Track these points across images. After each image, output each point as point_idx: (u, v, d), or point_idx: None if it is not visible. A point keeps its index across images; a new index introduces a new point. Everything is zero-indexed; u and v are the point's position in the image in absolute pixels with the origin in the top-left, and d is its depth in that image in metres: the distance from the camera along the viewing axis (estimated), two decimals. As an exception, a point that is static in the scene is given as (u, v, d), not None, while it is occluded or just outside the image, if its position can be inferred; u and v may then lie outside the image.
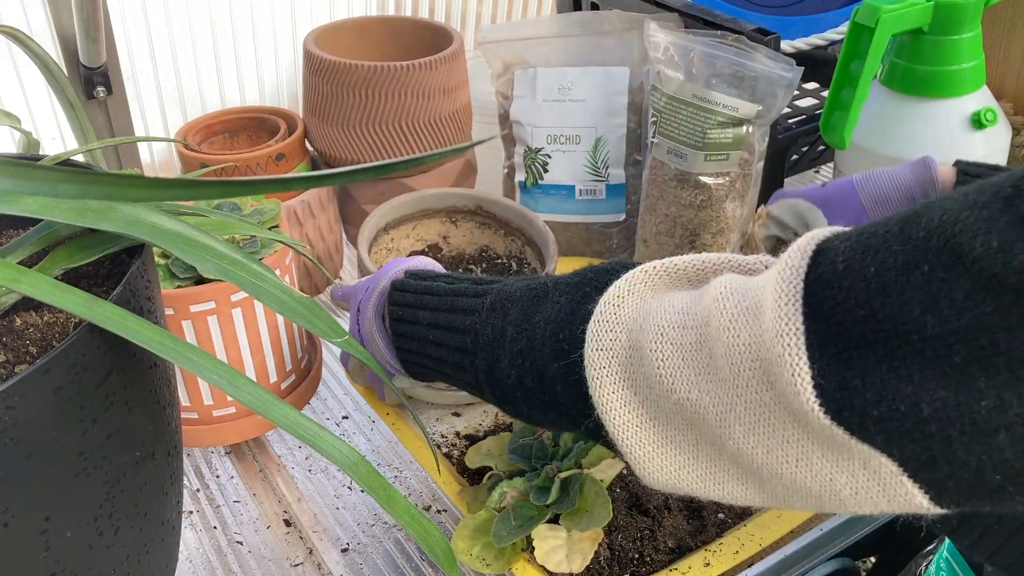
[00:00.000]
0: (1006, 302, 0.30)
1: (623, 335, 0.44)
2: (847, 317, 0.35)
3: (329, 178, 0.44)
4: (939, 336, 0.32)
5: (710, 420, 0.40)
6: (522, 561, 0.63)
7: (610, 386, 0.44)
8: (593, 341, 0.45)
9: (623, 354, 0.44)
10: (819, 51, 1.04)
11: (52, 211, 0.46)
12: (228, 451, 0.85)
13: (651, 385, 0.42)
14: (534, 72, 0.97)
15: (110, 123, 1.06)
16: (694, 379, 0.40)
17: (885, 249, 0.34)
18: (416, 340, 0.58)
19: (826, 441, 0.36)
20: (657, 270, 0.45)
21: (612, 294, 0.45)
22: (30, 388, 0.41)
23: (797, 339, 0.35)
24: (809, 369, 0.35)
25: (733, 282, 0.41)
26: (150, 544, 0.53)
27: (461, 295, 0.56)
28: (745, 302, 0.39)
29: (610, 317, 0.45)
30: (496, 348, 0.52)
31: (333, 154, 1.01)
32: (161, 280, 0.74)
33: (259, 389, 0.44)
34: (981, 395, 0.31)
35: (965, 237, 0.31)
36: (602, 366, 0.44)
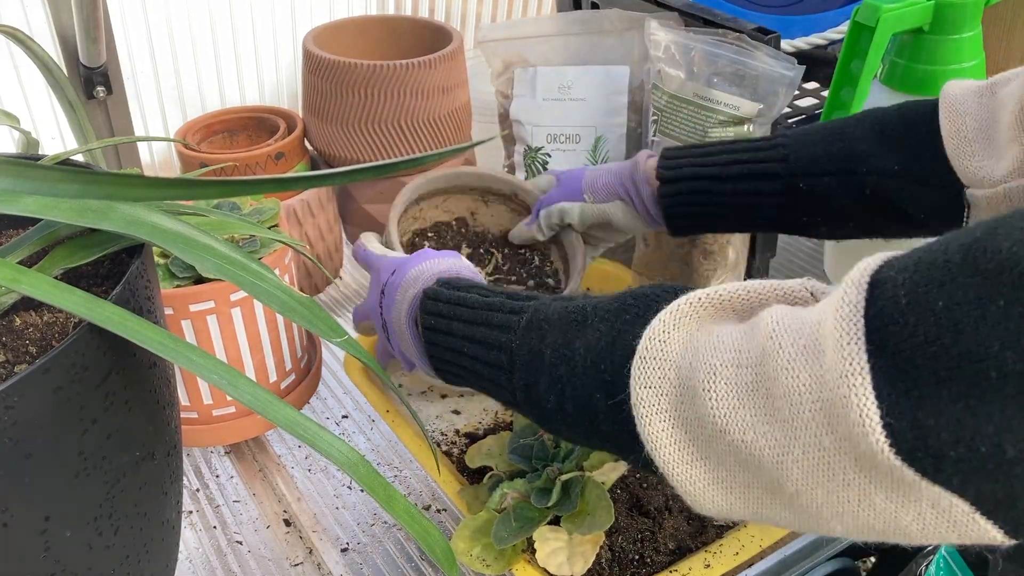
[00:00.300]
0: None
1: (671, 372, 0.43)
2: (916, 354, 0.33)
3: (329, 178, 0.44)
4: (1021, 373, 0.31)
5: (767, 463, 0.39)
6: (522, 562, 0.63)
7: (660, 424, 0.43)
8: (640, 379, 0.43)
9: (672, 392, 0.43)
10: (819, 51, 1.04)
11: (52, 211, 0.46)
12: (228, 451, 0.85)
13: (703, 425, 0.41)
14: (534, 71, 0.97)
15: (110, 123, 1.06)
16: (750, 420, 0.39)
17: (951, 282, 0.33)
18: (450, 351, 0.57)
19: (892, 483, 0.35)
20: (702, 301, 0.44)
21: (657, 329, 0.44)
22: (30, 388, 0.41)
23: (863, 378, 0.34)
24: (877, 409, 0.34)
25: (785, 318, 0.39)
26: (150, 544, 0.53)
27: (496, 310, 0.55)
28: (802, 340, 0.38)
29: (657, 354, 0.43)
30: (534, 370, 0.51)
31: (333, 153, 1.01)
32: (161, 280, 0.74)
33: (259, 389, 0.44)
34: None
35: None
36: (651, 404, 0.43)
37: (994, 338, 0.31)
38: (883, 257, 0.37)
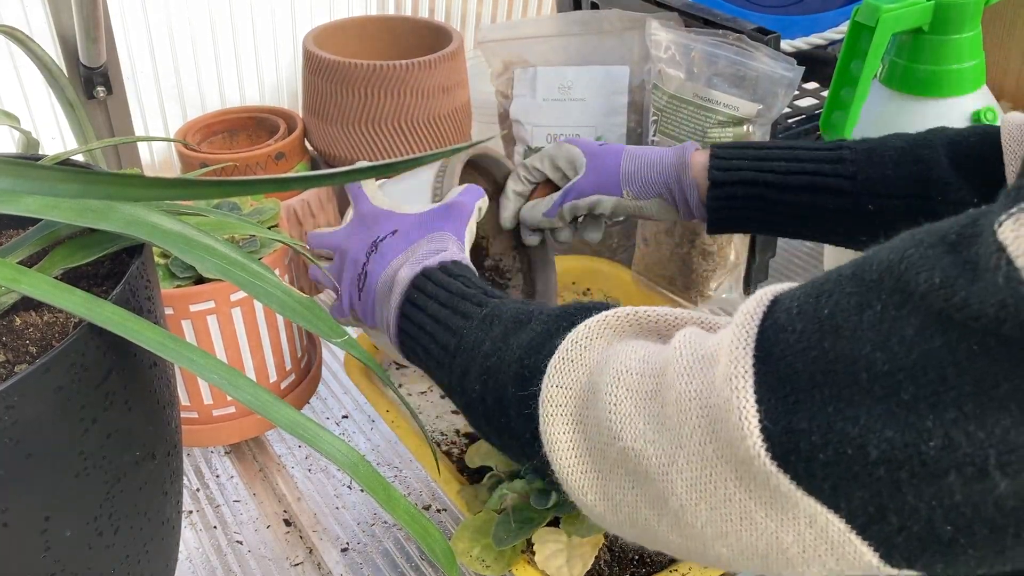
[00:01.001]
0: (954, 337, 0.30)
1: (584, 376, 0.43)
2: (797, 359, 0.34)
3: (329, 178, 0.44)
4: (888, 373, 0.31)
5: (653, 473, 0.39)
6: (522, 563, 0.63)
7: (562, 426, 0.43)
8: (553, 376, 0.44)
9: (580, 395, 0.43)
10: (819, 51, 1.04)
11: (52, 211, 0.46)
12: (228, 451, 0.85)
13: (600, 431, 0.41)
14: (534, 71, 0.97)
15: (110, 123, 1.06)
16: (642, 428, 0.39)
17: (839, 292, 0.34)
18: (415, 326, 0.58)
19: (770, 497, 0.35)
20: (628, 316, 0.45)
21: (580, 333, 0.45)
22: (30, 388, 0.41)
23: (746, 382, 0.35)
24: (756, 412, 0.34)
25: (693, 333, 0.40)
26: (150, 544, 0.53)
27: (467, 299, 0.56)
28: (701, 351, 0.38)
29: (574, 356, 0.44)
30: (471, 358, 0.52)
31: (333, 153, 1.01)
32: (161, 280, 0.74)
33: (259, 389, 0.44)
34: (929, 434, 0.31)
35: (911, 273, 0.32)
36: (557, 404, 0.44)
37: (867, 341, 0.32)
38: (790, 284, 0.38)
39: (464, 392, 0.53)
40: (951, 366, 0.30)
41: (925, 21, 0.78)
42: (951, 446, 0.30)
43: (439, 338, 0.56)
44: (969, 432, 0.30)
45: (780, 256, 1.02)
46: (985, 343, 0.29)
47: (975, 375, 0.30)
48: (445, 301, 0.57)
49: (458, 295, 0.57)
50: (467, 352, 0.53)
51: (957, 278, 0.30)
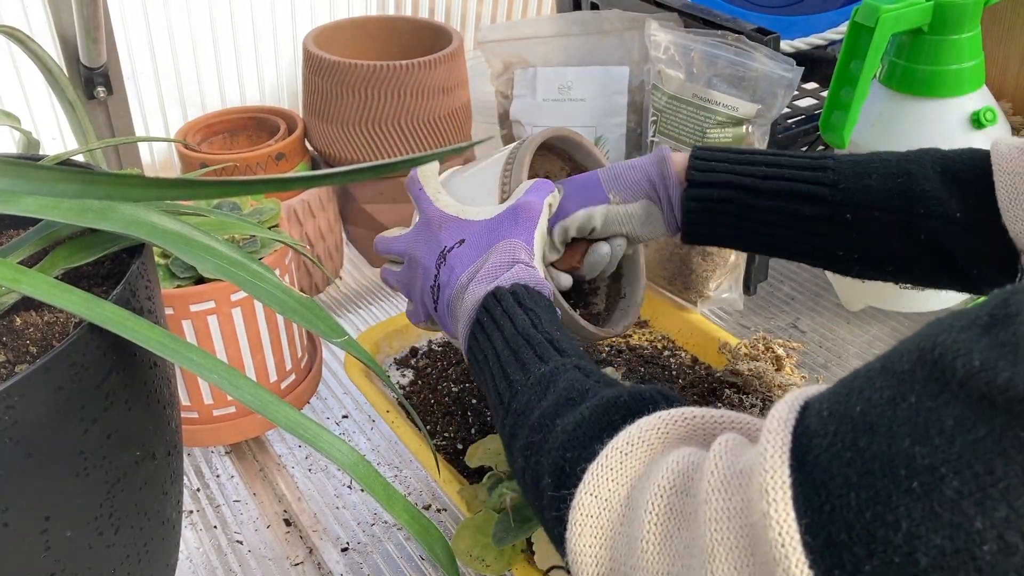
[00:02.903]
0: (998, 425, 0.28)
1: (623, 489, 0.41)
2: (832, 463, 0.32)
3: (329, 178, 0.44)
4: (929, 468, 0.29)
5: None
6: (522, 563, 0.63)
7: (589, 539, 0.41)
8: (589, 485, 0.41)
9: (616, 509, 0.41)
10: (819, 51, 1.04)
11: (52, 211, 0.47)
12: (228, 451, 0.85)
13: (632, 551, 0.39)
14: (534, 72, 0.97)
15: (110, 123, 1.06)
16: (679, 550, 0.37)
17: (870, 387, 0.32)
18: (481, 355, 0.56)
19: None
20: (674, 418, 0.42)
21: (622, 439, 0.42)
22: (30, 388, 0.41)
23: (784, 493, 0.32)
24: (797, 527, 0.32)
25: (731, 442, 0.38)
26: (150, 544, 0.53)
27: (530, 344, 0.53)
28: (738, 465, 0.36)
29: (615, 465, 0.41)
30: (520, 424, 0.50)
31: (333, 153, 1.01)
32: (161, 280, 0.74)
33: (259, 389, 0.44)
34: (981, 538, 0.28)
35: (947, 360, 0.30)
36: (589, 515, 0.41)
37: (904, 435, 0.30)
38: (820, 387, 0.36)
39: (512, 453, 0.50)
40: (998, 456, 0.28)
41: (925, 21, 0.78)
42: (1007, 549, 0.28)
43: (498, 383, 0.53)
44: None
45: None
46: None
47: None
48: (509, 338, 0.54)
49: (523, 335, 0.54)
50: (517, 414, 0.50)
51: (998, 360, 0.28)
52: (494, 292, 0.56)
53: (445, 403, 0.79)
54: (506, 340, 0.54)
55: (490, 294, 0.57)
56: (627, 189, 0.68)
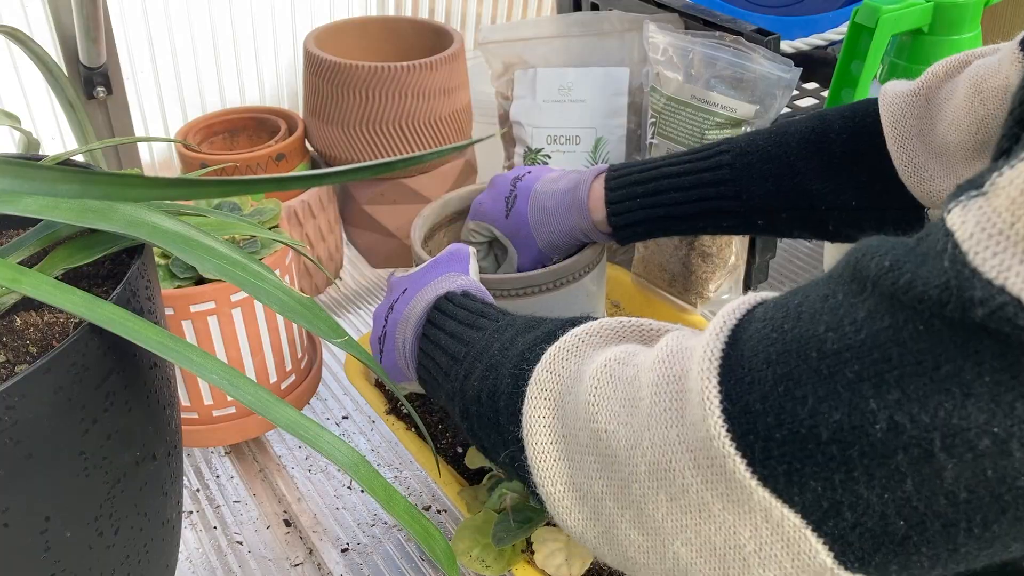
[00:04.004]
0: (900, 319, 0.31)
1: (574, 365, 0.44)
2: (759, 343, 0.35)
3: (328, 177, 0.44)
4: (836, 352, 0.32)
5: (620, 456, 0.39)
6: (522, 563, 0.63)
7: (543, 408, 0.44)
8: (546, 363, 0.45)
9: (567, 382, 0.44)
10: (819, 51, 1.04)
11: (52, 211, 0.47)
12: (228, 451, 0.85)
13: (577, 413, 0.42)
14: (534, 72, 0.97)
15: (110, 123, 1.06)
16: (616, 409, 0.40)
17: (812, 287, 0.36)
18: (431, 344, 0.59)
19: (727, 487, 0.35)
20: (633, 323, 0.46)
21: (582, 328, 0.47)
22: (30, 388, 0.41)
23: (711, 364, 0.36)
24: (718, 393, 0.35)
25: (681, 330, 0.42)
26: (150, 544, 0.53)
27: (484, 316, 0.57)
28: (686, 343, 0.40)
29: (571, 347, 0.46)
30: (477, 360, 0.53)
31: (333, 154, 1.01)
32: (161, 280, 0.74)
33: (259, 389, 0.44)
34: (874, 416, 0.31)
35: (866, 260, 0.33)
36: (543, 388, 0.45)
37: (822, 323, 0.33)
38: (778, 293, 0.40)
39: (464, 394, 0.53)
40: (895, 346, 0.31)
41: (925, 22, 0.78)
42: (896, 428, 0.31)
43: (450, 349, 0.56)
44: (913, 415, 0.30)
45: (780, 256, 1.02)
46: (929, 324, 0.30)
47: (917, 356, 0.30)
48: (463, 319, 0.57)
49: (476, 313, 0.57)
50: (474, 356, 0.53)
51: (906, 262, 0.31)
52: (446, 295, 0.60)
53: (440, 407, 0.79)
54: (459, 320, 0.58)
55: (443, 296, 0.60)
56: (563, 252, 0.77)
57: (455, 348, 0.56)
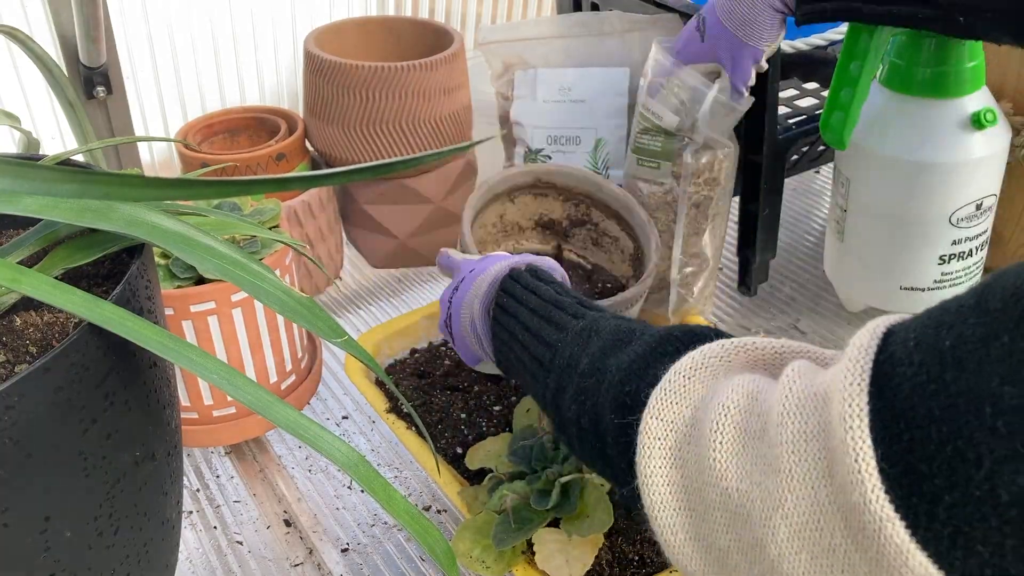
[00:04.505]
0: None
1: (687, 411, 0.42)
2: (915, 394, 0.32)
3: (329, 178, 0.44)
4: (1016, 408, 0.29)
5: (755, 517, 0.37)
6: (523, 564, 0.63)
7: (659, 460, 0.41)
8: (654, 409, 0.42)
9: (682, 430, 0.41)
10: (819, 51, 1.04)
11: (52, 211, 0.47)
12: (228, 451, 0.85)
13: (701, 470, 0.39)
14: (534, 73, 0.97)
15: (110, 123, 1.06)
16: (748, 468, 0.37)
17: (962, 323, 0.32)
18: (508, 333, 0.57)
19: (878, 552, 0.32)
20: (737, 348, 0.43)
21: (684, 363, 0.43)
22: (30, 388, 0.41)
23: (861, 421, 0.33)
24: (873, 454, 0.32)
25: (804, 368, 0.38)
26: (150, 544, 0.53)
27: (560, 308, 0.55)
28: (813, 388, 0.36)
29: (678, 388, 0.42)
30: (567, 375, 0.51)
31: (333, 154, 1.01)
32: (161, 280, 0.74)
33: (259, 389, 0.44)
34: None
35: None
36: (656, 437, 0.42)
37: (994, 374, 0.30)
38: (902, 315, 0.36)
39: (559, 410, 0.51)
40: None
41: (925, 22, 0.78)
42: None
43: (534, 350, 0.54)
44: None
45: (780, 256, 1.02)
46: None
47: None
48: (536, 307, 0.56)
49: (551, 302, 0.55)
50: (562, 369, 0.51)
51: None
52: (510, 273, 0.59)
53: (444, 406, 0.79)
54: (532, 309, 0.56)
55: (507, 276, 0.59)
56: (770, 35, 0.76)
57: (537, 349, 0.54)
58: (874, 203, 0.87)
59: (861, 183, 0.87)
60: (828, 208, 1.09)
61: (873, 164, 0.85)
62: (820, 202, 1.21)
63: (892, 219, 0.86)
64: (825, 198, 1.21)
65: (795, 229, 1.15)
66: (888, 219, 0.86)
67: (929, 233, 0.85)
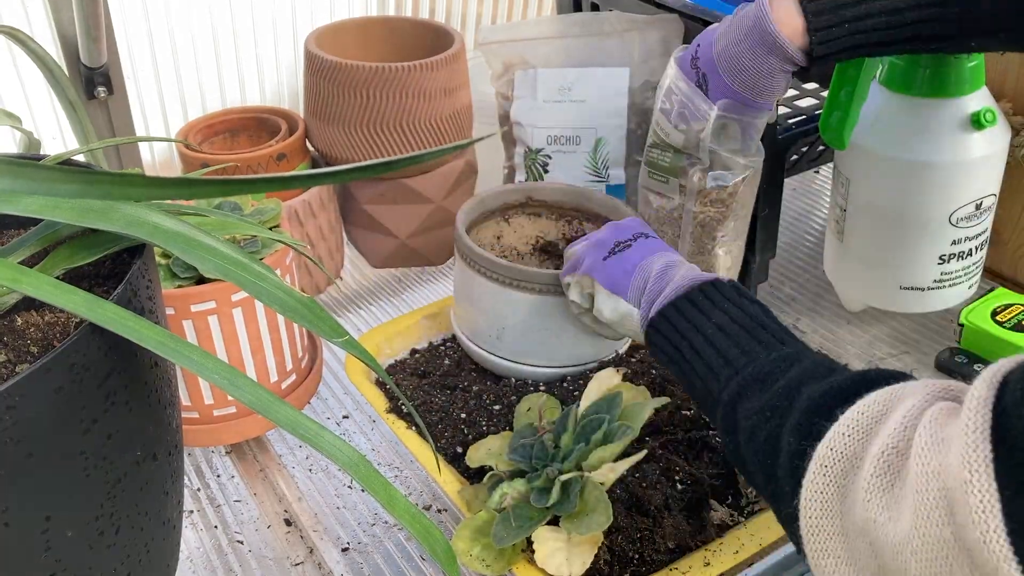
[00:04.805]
0: None
1: (859, 444, 0.44)
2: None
3: (329, 176, 0.44)
4: None
5: (887, 551, 0.39)
6: (523, 562, 0.63)
7: (821, 485, 0.44)
8: (829, 440, 0.44)
9: (850, 461, 0.43)
10: (819, 51, 1.04)
11: (53, 211, 0.47)
12: (228, 451, 0.85)
13: (856, 499, 0.42)
14: (534, 73, 0.97)
15: (111, 123, 1.06)
16: (887, 502, 0.40)
17: None
18: (690, 324, 0.59)
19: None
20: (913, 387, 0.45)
21: (868, 400, 0.45)
22: (31, 388, 0.41)
23: (985, 466, 0.34)
24: (999, 497, 0.33)
25: (939, 410, 0.40)
26: (150, 544, 0.53)
27: (768, 331, 0.57)
28: (941, 433, 0.38)
29: (854, 423, 0.44)
30: (756, 387, 0.52)
31: (334, 155, 1.01)
32: (162, 280, 0.74)
33: (259, 388, 0.44)
34: None
35: None
36: (824, 465, 0.44)
37: None
38: (1018, 358, 0.37)
39: (732, 413, 0.53)
40: None
41: (925, 22, 0.78)
42: None
43: (724, 349, 0.56)
44: None
45: (780, 256, 1.02)
46: None
47: None
48: (738, 319, 0.58)
49: (757, 322, 0.57)
50: (755, 379, 0.53)
51: None
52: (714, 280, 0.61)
53: (444, 406, 0.79)
54: (733, 319, 0.58)
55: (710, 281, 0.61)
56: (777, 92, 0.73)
57: (730, 351, 0.56)
58: (874, 203, 0.87)
59: (861, 183, 0.87)
60: (828, 208, 1.09)
61: (873, 164, 0.85)
62: (820, 202, 1.21)
63: (892, 219, 0.86)
64: (825, 198, 1.21)
65: (795, 229, 1.15)
66: (888, 219, 0.86)
67: (929, 233, 0.85)
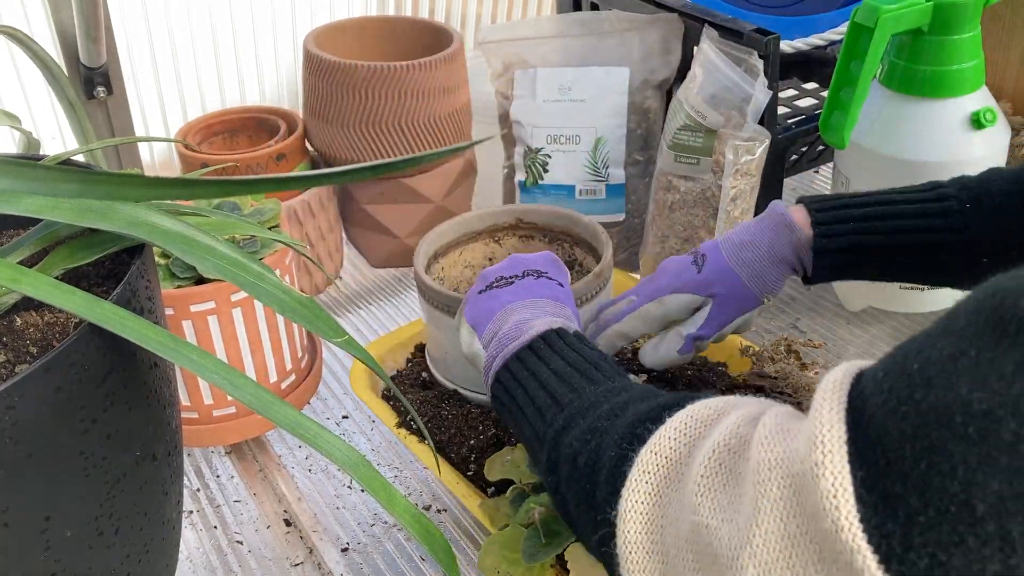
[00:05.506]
0: None
1: (684, 449, 0.42)
2: (888, 418, 0.31)
3: (328, 177, 0.44)
4: (987, 412, 0.28)
5: (722, 557, 0.36)
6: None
7: (642, 494, 0.42)
8: (651, 444, 0.42)
9: (674, 467, 0.41)
10: (819, 51, 1.04)
11: (52, 211, 0.47)
12: (228, 451, 0.85)
13: (682, 506, 0.39)
14: (534, 72, 0.97)
15: (110, 123, 1.06)
16: (720, 504, 0.37)
17: (929, 348, 0.32)
18: (528, 374, 0.56)
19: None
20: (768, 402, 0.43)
21: (695, 407, 0.44)
22: (30, 388, 0.41)
23: (839, 447, 0.32)
24: (852, 480, 0.31)
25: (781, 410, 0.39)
26: (150, 544, 0.53)
27: (601, 371, 0.54)
28: (786, 424, 0.36)
29: (680, 427, 0.43)
30: (581, 415, 0.51)
31: (333, 154, 1.01)
32: (161, 280, 0.74)
33: (259, 389, 0.44)
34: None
35: (1007, 304, 0.29)
36: (646, 471, 0.42)
37: (962, 384, 0.30)
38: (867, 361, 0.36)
39: (557, 447, 0.51)
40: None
41: (924, 22, 0.78)
42: None
43: (554, 390, 0.54)
44: None
45: (780, 256, 1.02)
46: None
47: None
48: (574, 362, 0.55)
49: (592, 363, 0.55)
50: (579, 409, 0.51)
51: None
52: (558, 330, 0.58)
53: (454, 419, 0.77)
54: (569, 363, 0.55)
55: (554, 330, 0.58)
56: (773, 287, 0.69)
57: (559, 390, 0.54)
58: (874, 202, 0.87)
59: (861, 182, 0.87)
60: (828, 207, 1.09)
61: (873, 164, 0.85)
62: (820, 201, 1.21)
63: (892, 218, 0.86)
64: (825, 197, 1.21)
65: (795, 228, 1.15)
66: (888, 218, 0.86)
67: (929, 232, 0.85)
